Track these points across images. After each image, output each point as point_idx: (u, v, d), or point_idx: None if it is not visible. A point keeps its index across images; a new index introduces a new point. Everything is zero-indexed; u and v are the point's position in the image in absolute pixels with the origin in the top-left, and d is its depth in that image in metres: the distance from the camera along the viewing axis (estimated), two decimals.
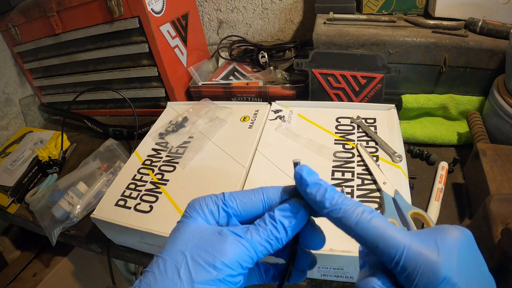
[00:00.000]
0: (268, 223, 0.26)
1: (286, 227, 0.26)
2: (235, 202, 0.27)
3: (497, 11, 0.69)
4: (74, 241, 0.70)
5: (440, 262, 0.21)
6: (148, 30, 0.79)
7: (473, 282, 0.21)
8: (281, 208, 0.26)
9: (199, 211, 0.27)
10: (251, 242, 0.25)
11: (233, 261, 0.24)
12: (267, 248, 0.25)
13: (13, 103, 1.05)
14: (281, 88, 0.83)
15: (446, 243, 0.22)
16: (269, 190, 0.28)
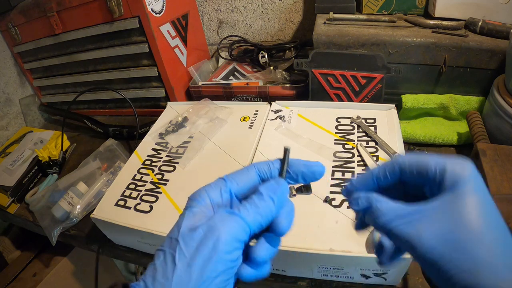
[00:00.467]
0: (256, 199, 0.27)
1: (274, 200, 0.28)
2: (235, 182, 0.29)
3: (497, 11, 0.69)
4: (74, 241, 0.70)
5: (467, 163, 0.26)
6: (148, 30, 0.79)
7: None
8: (266, 186, 0.29)
9: (201, 201, 0.28)
10: (244, 218, 0.26)
11: (231, 239, 0.25)
12: (258, 220, 0.27)
13: (13, 103, 1.05)
14: (281, 88, 0.83)
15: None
16: (260, 164, 0.31)
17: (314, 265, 0.48)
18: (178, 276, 0.24)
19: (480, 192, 0.25)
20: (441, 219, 0.25)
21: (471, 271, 0.23)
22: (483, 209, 0.24)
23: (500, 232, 0.24)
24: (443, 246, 0.24)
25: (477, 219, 0.24)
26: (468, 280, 0.23)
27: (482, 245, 0.23)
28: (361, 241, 0.44)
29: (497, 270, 0.22)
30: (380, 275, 0.46)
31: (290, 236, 0.46)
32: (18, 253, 1.06)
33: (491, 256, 0.23)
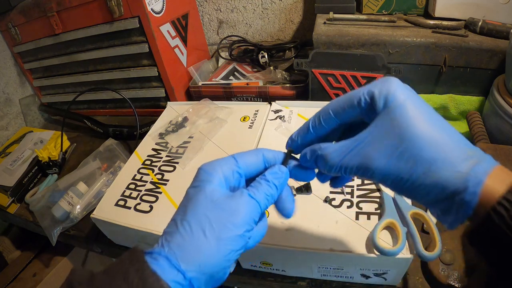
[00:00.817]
0: (263, 183, 0.31)
1: (277, 185, 0.31)
2: (245, 164, 0.32)
3: (497, 11, 0.69)
4: (74, 241, 0.70)
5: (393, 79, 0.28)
6: (148, 30, 0.79)
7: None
8: (271, 172, 0.32)
9: (214, 175, 0.30)
10: (255, 198, 0.30)
11: (248, 218, 0.29)
12: (266, 203, 0.31)
13: (13, 103, 1.05)
14: (281, 88, 0.83)
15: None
16: (267, 152, 0.34)
17: (314, 265, 0.48)
18: (207, 249, 0.27)
19: (411, 100, 0.26)
20: (384, 137, 0.26)
21: (428, 172, 0.25)
22: (419, 113, 0.26)
23: (440, 127, 0.26)
24: (395, 161, 0.26)
25: (416, 124, 0.25)
26: (431, 180, 0.25)
27: (429, 146, 0.25)
28: (361, 241, 0.44)
29: (451, 162, 0.24)
30: (380, 275, 0.46)
31: (290, 236, 0.46)
32: (18, 253, 1.06)
33: (439, 152, 0.24)
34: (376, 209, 0.48)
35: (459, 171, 0.24)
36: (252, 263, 0.53)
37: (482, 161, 0.24)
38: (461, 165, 0.24)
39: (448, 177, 0.24)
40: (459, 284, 0.45)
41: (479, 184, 0.23)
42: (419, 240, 0.41)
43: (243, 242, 0.29)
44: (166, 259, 0.26)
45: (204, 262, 0.27)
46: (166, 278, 0.25)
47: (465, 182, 0.24)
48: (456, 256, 0.47)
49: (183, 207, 0.30)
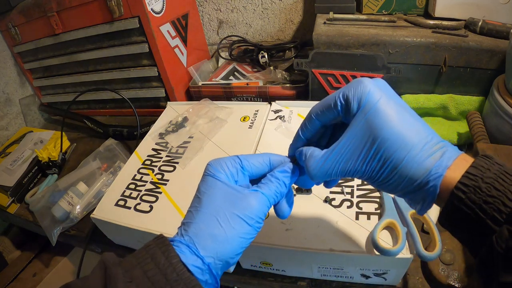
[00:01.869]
0: (274, 181, 0.33)
1: (286, 183, 0.34)
2: (249, 165, 0.34)
3: (497, 11, 0.69)
4: (74, 241, 0.70)
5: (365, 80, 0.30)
6: (148, 30, 0.79)
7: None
8: (281, 170, 0.34)
9: (221, 171, 0.32)
10: (266, 195, 0.32)
11: (259, 212, 0.31)
12: (275, 199, 0.33)
13: (13, 103, 1.05)
14: (281, 88, 0.83)
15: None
16: (274, 156, 0.36)
17: (314, 265, 0.48)
18: (223, 238, 0.29)
19: (383, 100, 0.28)
20: (358, 141, 0.28)
21: (397, 169, 0.27)
22: (390, 115, 0.28)
23: (410, 126, 0.28)
24: (369, 162, 0.28)
25: (387, 126, 0.27)
26: (398, 176, 0.27)
27: (398, 147, 0.27)
28: (361, 241, 0.44)
29: (417, 160, 0.27)
30: (380, 275, 0.46)
31: (290, 236, 0.46)
32: (18, 253, 1.06)
33: (407, 151, 0.27)
34: (376, 209, 0.48)
35: (423, 168, 0.27)
36: (252, 263, 0.53)
37: (444, 154, 0.27)
38: (425, 162, 0.27)
39: (414, 174, 0.27)
40: (459, 284, 0.45)
41: (439, 178, 0.26)
42: (419, 240, 0.41)
43: (254, 232, 0.31)
44: (187, 246, 0.29)
45: (220, 250, 0.29)
46: (187, 263, 0.28)
47: (428, 177, 0.27)
48: (456, 256, 0.47)
49: (197, 199, 0.32)
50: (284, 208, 0.34)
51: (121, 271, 0.27)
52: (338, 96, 0.30)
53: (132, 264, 0.27)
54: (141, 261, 0.28)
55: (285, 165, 0.34)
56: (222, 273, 0.31)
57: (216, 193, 0.31)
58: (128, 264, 0.28)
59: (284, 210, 0.35)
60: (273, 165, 0.35)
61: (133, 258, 0.28)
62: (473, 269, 0.45)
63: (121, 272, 0.26)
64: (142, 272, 0.27)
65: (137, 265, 0.27)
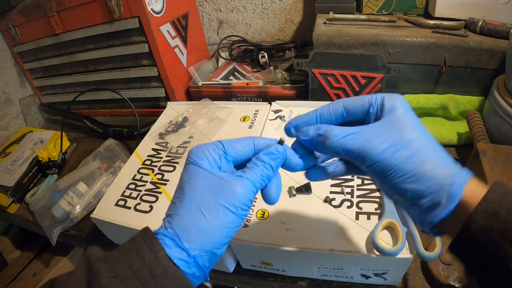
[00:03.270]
0: (259, 165, 0.32)
1: (273, 166, 0.32)
2: (232, 150, 0.33)
3: (497, 11, 0.69)
4: (74, 241, 0.70)
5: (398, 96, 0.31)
6: (148, 30, 0.79)
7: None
8: (266, 153, 0.32)
9: (204, 158, 0.31)
10: (251, 179, 0.31)
11: (245, 198, 0.30)
12: (262, 183, 0.32)
13: (13, 103, 1.05)
14: (281, 88, 0.83)
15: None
16: (258, 139, 0.34)
17: (314, 265, 0.48)
18: (208, 229, 0.29)
19: (412, 113, 0.30)
20: (388, 130, 0.29)
21: (419, 168, 0.27)
22: (418, 124, 0.29)
23: (433, 142, 0.29)
24: (392, 151, 0.28)
25: (416, 129, 0.29)
26: (420, 175, 0.27)
27: (424, 148, 0.28)
28: (361, 241, 0.44)
29: (437, 177, 0.27)
30: (380, 275, 0.46)
31: (290, 236, 0.46)
32: (18, 253, 1.06)
33: (431, 164, 0.27)
34: (376, 209, 0.48)
35: (451, 169, 0.27)
36: (252, 263, 0.53)
37: (462, 171, 0.27)
38: (451, 166, 0.28)
39: (440, 171, 0.27)
40: (459, 284, 0.45)
41: (465, 181, 0.27)
42: (419, 240, 0.41)
43: (240, 220, 0.30)
44: (171, 239, 0.28)
45: (205, 241, 0.29)
46: (172, 256, 0.27)
47: (453, 177, 0.27)
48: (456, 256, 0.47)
49: (180, 189, 0.31)
50: (271, 193, 0.33)
51: (106, 265, 0.26)
52: (374, 96, 0.31)
53: (118, 259, 0.27)
54: (126, 255, 0.27)
55: (271, 147, 0.33)
56: (213, 265, 0.31)
57: (199, 182, 0.30)
58: (113, 258, 0.27)
59: (272, 195, 0.33)
60: (258, 148, 0.34)
61: (118, 252, 0.28)
62: None
63: (105, 267, 0.26)
64: (127, 267, 0.26)
65: (122, 260, 0.27)
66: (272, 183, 0.33)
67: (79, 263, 0.27)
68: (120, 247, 0.28)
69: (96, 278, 0.25)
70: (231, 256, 0.53)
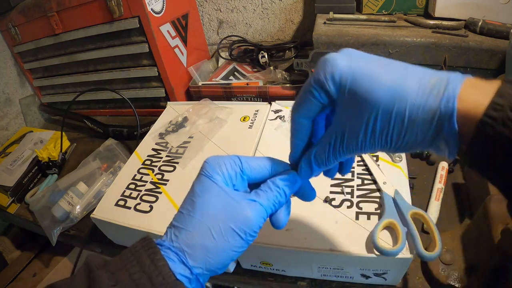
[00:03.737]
0: (274, 190, 0.31)
1: (286, 193, 0.31)
2: (249, 169, 0.32)
3: (497, 11, 0.69)
4: (74, 241, 0.70)
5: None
6: (148, 30, 0.79)
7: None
8: (282, 178, 0.32)
9: (219, 172, 0.31)
10: (264, 205, 0.30)
11: (255, 225, 0.29)
12: (272, 209, 0.31)
13: (13, 103, 1.05)
14: (281, 88, 0.83)
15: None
16: (275, 161, 0.33)
17: (314, 265, 0.48)
18: (214, 250, 0.28)
19: (355, 67, 0.26)
20: (352, 117, 0.26)
21: (404, 127, 0.25)
22: (369, 76, 0.26)
23: (395, 75, 0.26)
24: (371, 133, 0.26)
25: (371, 89, 0.25)
26: (410, 133, 0.25)
27: (392, 104, 0.24)
28: (361, 241, 0.44)
29: (419, 106, 0.24)
30: (380, 275, 0.46)
31: (290, 236, 0.46)
32: (18, 253, 1.06)
33: (404, 102, 0.24)
34: (376, 209, 0.48)
35: (429, 110, 0.23)
36: (252, 263, 0.53)
37: (448, 86, 0.23)
38: (428, 103, 0.23)
39: (423, 122, 0.24)
40: (459, 284, 0.45)
41: (452, 114, 0.23)
42: (419, 240, 0.41)
43: (246, 245, 0.30)
44: (176, 254, 0.28)
45: (210, 261, 0.28)
46: (175, 271, 0.27)
47: (439, 119, 0.23)
48: (456, 256, 0.47)
49: (190, 201, 0.30)
50: (280, 219, 0.32)
51: (106, 274, 0.26)
52: (311, 84, 0.27)
53: (118, 267, 0.27)
54: (126, 263, 0.27)
55: (288, 173, 0.32)
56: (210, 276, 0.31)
57: (212, 199, 0.29)
58: (113, 266, 0.27)
59: (281, 220, 0.32)
60: (274, 170, 0.33)
61: (119, 260, 0.27)
62: (473, 269, 0.45)
63: (105, 275, 0.26)
64: (127, 275, 0.26)
65: (122, 268, 0.27)
66: (282, 209, 0.32)
67: (79, 271, 0.27)
68: (121, 255, 0.28)
69: (96, 286, 0.25)
70: None
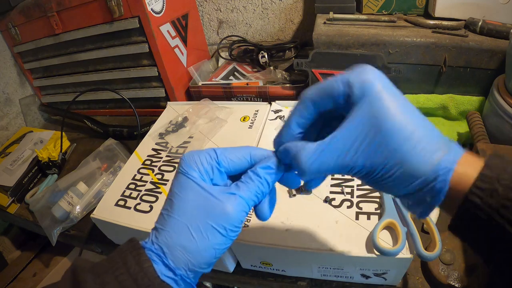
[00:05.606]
0: (255, 180, 0.29)
1: (269, 182, 0.30)
2: (227, 161, 0.31)
3: (497, 11, 0.68)
4: (74, 241, 0.70)
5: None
6: (148, 30, 0.79)
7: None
8: (263, 166, 0.30)
9: (195, 168, 0.29)
10: (245, 198, 0.29)
11: (236, 220, 0.28)
12: (255, 200, 0.30)
13: (13, 103, 1.05)
14: (281, 88, 0.83)
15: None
16: (255, 150, 0.32)
17: (314, 265, 0.48)
18: (195, 250, 0.27)
19: (387, 90, 0.25)
20: (360, 130, 0.25)
21: (400, 164, 0.25)
22: (395, 105, 0.25)
23: (415, 119, 0.25)
24: (370, 154, 0.25)
25: (392, 117, 0.25)
26: (402, 171, 0.25)
27: (403, 139, 0.24)
28: (361, 241, 0.44)
29: (423, 155, 0.24)
30: (380, 275, 0.46)
31: (290, 236, 0.46)
32: (18, 253, 1.06)
33: (413, 145, 0.24)
34: (376, 209, 0.48)
35: (432, 160, 0.24)
36: (252, 263, 0.53)
37: (451, 150, 0.25)
38: (432, 156, 0.24)
39: (420, 167, 0.24)
40: (459, 284, 0.45)
41: (449, 172, 0.24)
42: (419, 240, 0.41)
43: (229, 241, 0.29)
44: (158, 255, 0.28)
45: (191, 261, 0.28)
46: (159, 272, 0.27)
47: (436, 172, 0.24)
48: (456, 256, 0.47)
49: (169, 201, 0.29)
50: (264, 210, 0.31)
51: (92, 276, 0.26)
52: (340, 80, 0.26)
53: (105, 269, 0.27)
54: (113, 265, 0.27)
55: (268, 160, 0.30)
56: (200, 275, 0.30)
57: (189, 197, 0.28)
58: (100, 268, 0.27)
59: (264, 211, 0.31)
60: (254, 160, 0.31)
61: (106, 262, 0.27)
62: (473, 269, 0.45)
63: (91, 278, 0.26)
64: (113, 277, 0.26)
65: (108, 270, 0.26)
66: (265, 199, 0.31)
67: (65, 274, 0.27)
68: (108, 257, 0.28)
69: None
70: (231, 256, 0.53)
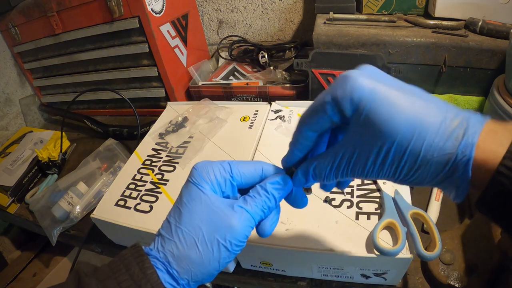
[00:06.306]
0: (262, 195, 0.30)
1: (276, 198, 0.30)
2: (239, 175, 0.31)
3: (497, 11, 0.68)
4: (74, 241, 0.70)
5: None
6: (148, 30, 0.79)
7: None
8: (272, 182, 0.31)
9: (208, 180, 0.30)
10: (251, 213, 0.29)
11: (241, 235, 0.29)
12: (261, 216, 0.30)
13: (13, 103, 1.05)
14: (281, 88, 0.83)
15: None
16: (267, 165, 0.32)
17: (314, 265, 0.48)
18: (200, 262, 0.28)
19: (378, 90, 0.24)
20: (364, 143, 0.25)
21: (416, 164, 0.23)
22: (390, 101, 0.24)
23: (416, 107, 0.23)
24: (381, 162, 0.25)
25: (391, 117, 0.23)
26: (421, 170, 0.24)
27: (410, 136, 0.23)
28: (361, 241, 0.44)
29: (436, 147, 0.23)
30: (380, 275, 0.46)
31: (290, 236, 0.46)
32: (18, 253, 1.06)
33: (421, 139, 0.23)
34: (376, 209, 0.48)
35: (446, 153, 0.22)
36: (252, 263, 0.53)
37: (468, 131, 0.22)
38: (446, 146, 0.22)
39: (437, 163, 0.23)
40: (459, 284, 0.45)
41: (469, 162, 0.22)
42: (419, 240, 0.41)
43: (233, 256, 0.30)
44: (163, 264, 0.28)
45: (196, 272, 0.28)
46: (163, 280, 0.27)
47: (454, 164, 0.23)
48: (456, 256, 0.47)
49: (177, 210, 0.30)
50: (266, 227, 0.31)
51: (95, 281, 0.26)
52: (326, 100, 0.26)
53: (107, 274, 0.27)
54: (115, 271, 0.27)
55: (277, 176, 0.31)
56: (200, 284, 0.31)
57: (198, 209, 0.29)
58: (102, 274, 0.27)
59: (265, 229, 0.31)
60: (265, 175, 0.32)
61: (108, 267, 0.28)
62: (473, 269, 0.45)
63: (94, 283, 0.26)
64: (116, 283, 0.26)
65: (111, 276, 0.27)
66: (270, 215, 0.31)
67: (68, 279, 0.27)
68: (110, 262, 0.28)
69: None
70: None
